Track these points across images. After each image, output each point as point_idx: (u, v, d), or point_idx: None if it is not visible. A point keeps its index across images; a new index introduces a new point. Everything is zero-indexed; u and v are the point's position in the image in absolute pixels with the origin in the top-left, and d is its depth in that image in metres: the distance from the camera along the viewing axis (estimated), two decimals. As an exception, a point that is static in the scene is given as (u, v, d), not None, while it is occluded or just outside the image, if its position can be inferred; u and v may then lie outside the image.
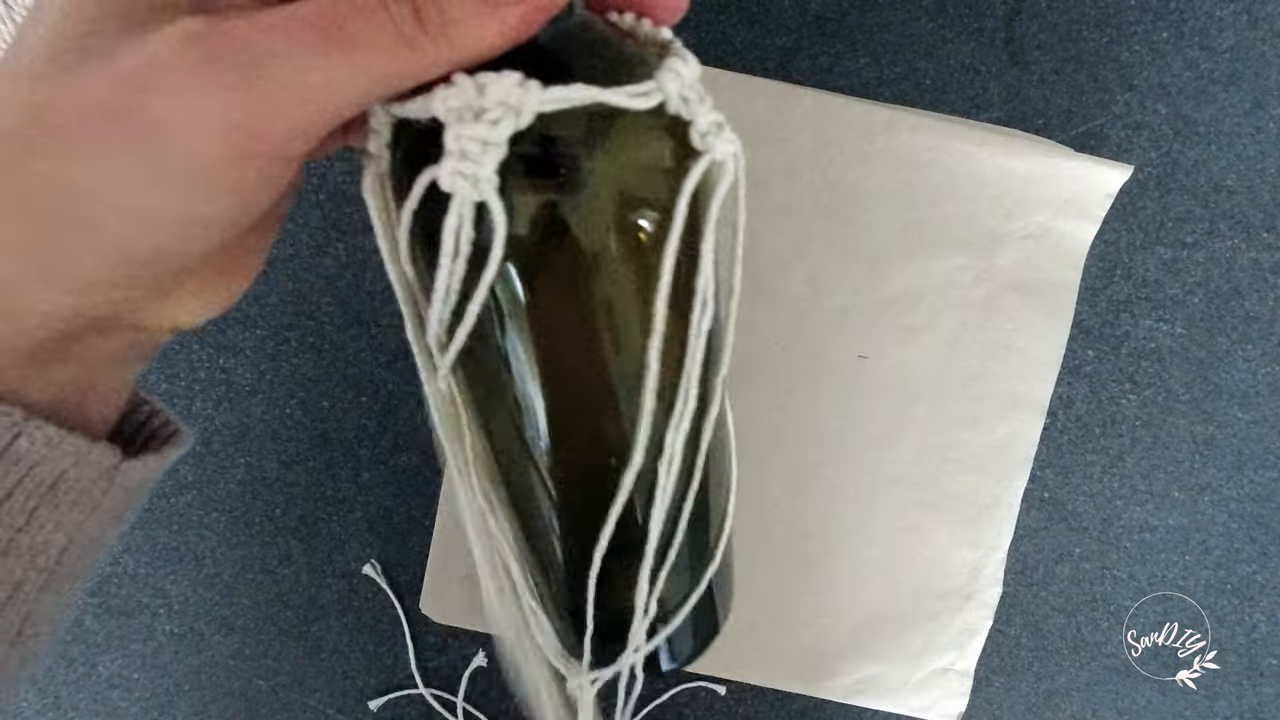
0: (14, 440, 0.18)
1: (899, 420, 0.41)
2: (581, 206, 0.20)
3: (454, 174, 0.18)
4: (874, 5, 0.41)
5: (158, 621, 0.43)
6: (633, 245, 0.21)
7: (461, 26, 0.17)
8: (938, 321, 0.41)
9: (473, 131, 0.18)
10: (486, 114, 0.18)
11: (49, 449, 0.19)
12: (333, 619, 0.43)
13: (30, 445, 0.18)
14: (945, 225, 0.40)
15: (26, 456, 0.18)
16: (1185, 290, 0.43)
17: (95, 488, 0.20)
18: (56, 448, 0.19)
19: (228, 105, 0.16)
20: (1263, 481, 0.43)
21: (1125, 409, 0.43)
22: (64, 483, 0.19)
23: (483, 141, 0.18)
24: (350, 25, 0.16)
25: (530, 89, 0.18)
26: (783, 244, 0.40)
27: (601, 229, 0.21)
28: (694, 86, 0.21)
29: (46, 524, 0.20)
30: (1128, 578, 0.44)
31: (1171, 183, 0.42)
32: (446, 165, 0.18)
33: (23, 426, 0.18)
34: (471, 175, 0.18)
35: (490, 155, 0.18)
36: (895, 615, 0.42)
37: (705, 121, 0.21)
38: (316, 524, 0.43)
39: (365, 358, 0.42)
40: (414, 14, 0.17)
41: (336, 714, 0.43)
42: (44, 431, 0.19)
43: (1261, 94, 0.42)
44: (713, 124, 0.21)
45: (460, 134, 0.18)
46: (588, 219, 0.21)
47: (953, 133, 0.39)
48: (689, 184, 0.21)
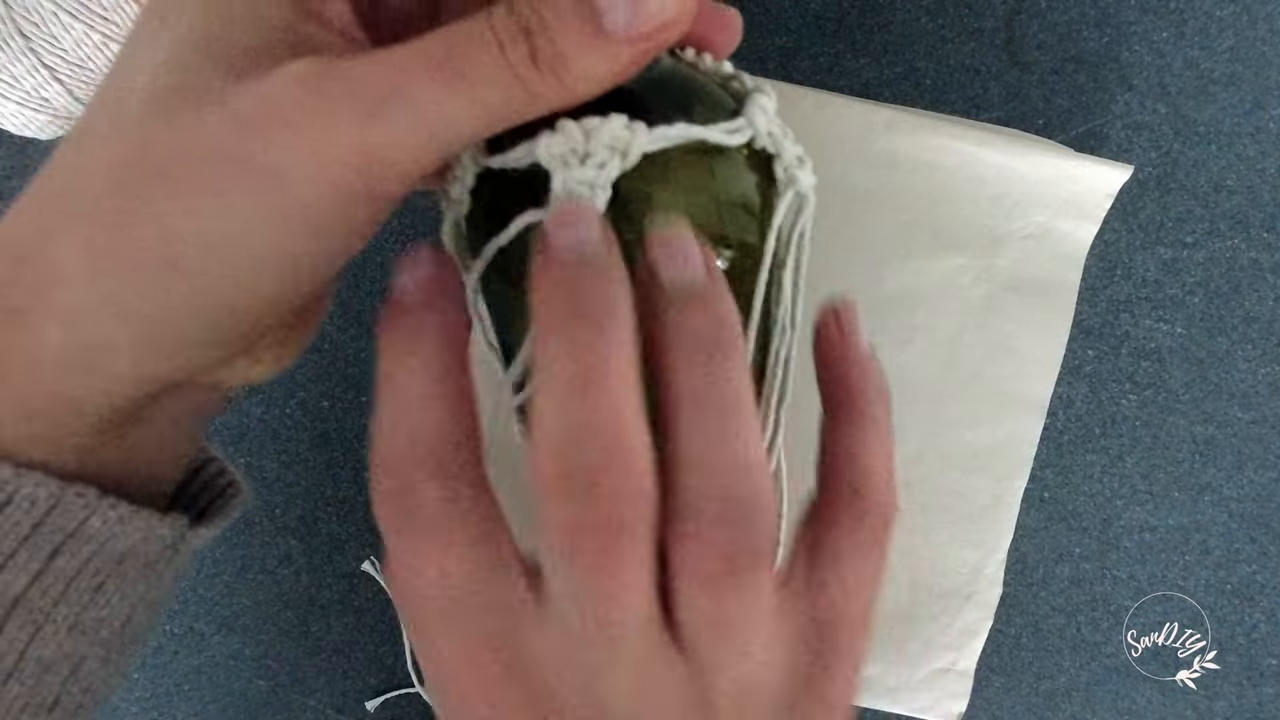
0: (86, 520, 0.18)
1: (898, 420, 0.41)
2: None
3: None
4: (874, 5, 0.41)
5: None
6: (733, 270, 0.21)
7: (574, 64, 0.17)
8: (937, 322, 0.41)
9: (580, 175, 0.18)
10: (592, 158, 0.18)
11: (120, 526, 0.18)
12: (332, 618, 0.43)
13: (102, 524, 0.18)
14: (945, 225, 0.40)
15: (98, 535, 0.18)
16: (1185, 290, 0.43)
17: (161, 558, 0.20)
18: (128, 524, 0.18)
19: (345, 146, 0.16)
20: (1263, 481, 0.43)
21: (1125, 409, 0.43)
22: (132, 556, 0.19)
23: (590, 185, 0.18)
24: (467, 62, 0.16)
25: (637, 131, 0.18)
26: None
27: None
28: (776, 121, 0.21)
29: (113, 598, 0.19)
30: (1128, 578, 0.44)
31: (1171, 183, 0.42)
32: None
33: (95, 506, 0.18)
34: None
35: (598, 198, 0.18)
36: (895, 615, 0.42)
37: (790, 155, 0.21)
38: (316, 524, 0.43)
39: (365, 358, 0.42)
40: (529, 51, 0.16)
41: (336, 714, 0.44)
42: (117, 511, 0.18)
43: (1261, 94, 0.42)
44: (796, 157, 0.22)
45: (567, 178, 0.18)
46: None
47: (953, 133, 0.39)
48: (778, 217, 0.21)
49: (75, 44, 0.35)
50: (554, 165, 0.18)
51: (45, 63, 0.35)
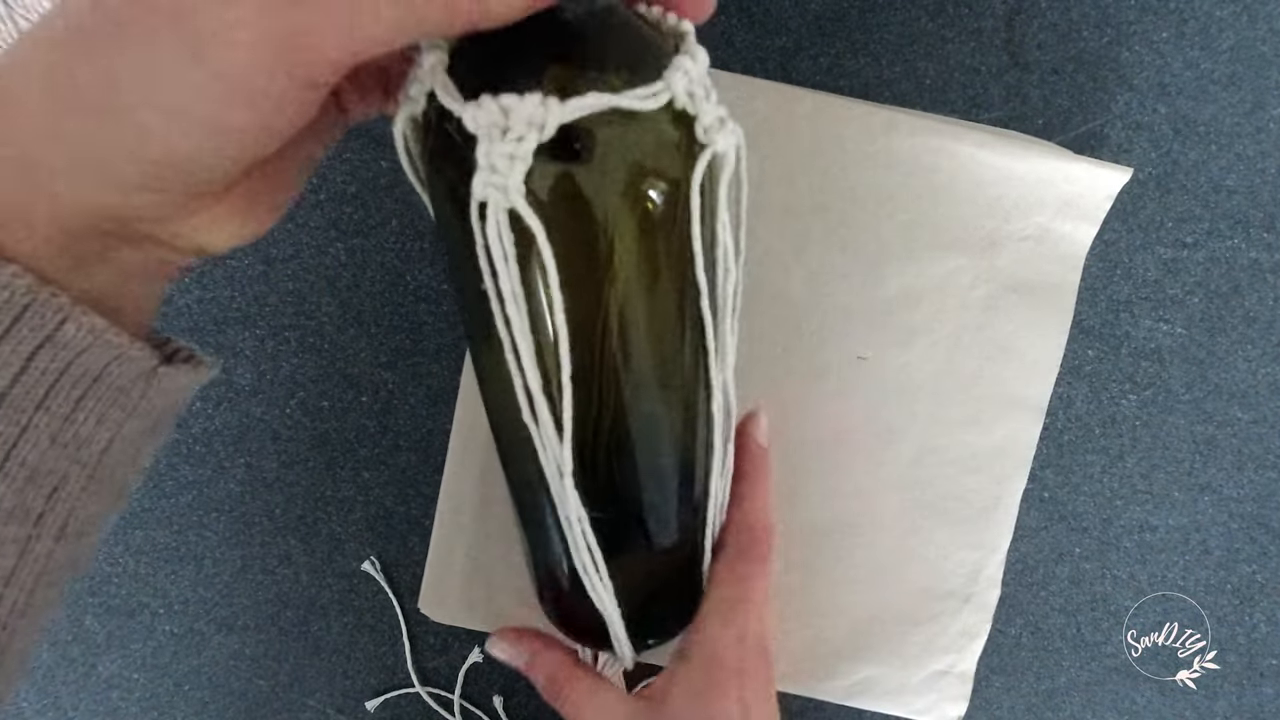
0: (60, 325, 0.19)
1: (898, 421, 0.41)
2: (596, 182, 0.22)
3: (486, 186, 0.20)
4: (874, 5, 0.41)
5: (158, 621, 0.43)
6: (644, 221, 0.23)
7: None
8: (937, 322, 0.41)
9: (501, 149, 0.20)
10: (512, 131, 0.20)
11: (93, 338, 0.20)
12: (332, 619, 0.43)
13: (76, 331, 0.19)
14: (945, 226, 0.40)
15: (72, 343, 0.19)
16: (1185, 290, 0.43)
17: (135, 388, 0.21)
18: (100, 337, 0.20)
19: (272, 16, 0.18)
20: (1263, 481, 0.43)
21: (1125, 409, 0.43)
22: (107, 377, 0.20)
23: (509, 156, 0.20)
24: None
25: (550, 107, 0.20)
26: (783, 244, 0.40)
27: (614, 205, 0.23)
28: (701, 82, 0.23)
29: (91, 417, 0.20)
30: (1128, 578, 0.44)
31: (1171, 183, 0.42)
32: (479, 178, 0.21)
33: (69, 312, 0.19)
34: (502, 186, 0.20)
35: (517, 168, 0.20)
36: (895, 617, 0.42)
37: (709, 117, 0.23)
38: (316, 524, 0.43)
39: (365, 358, 0.42)
40: None
41: (336, 713, 0.44)
42: (89, 319, 0.19)
43: (1261, 94, 0.42)
44: (716, 119, 0.23)
45: (490, 150, 0.20)
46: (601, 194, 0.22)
47: (953, 134, 0.39)
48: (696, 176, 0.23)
49: (75, 44, 0.35)
50: (481, 135, 0.20)
51: (45, 63, 0.35)
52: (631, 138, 0.22)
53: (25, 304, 0.19)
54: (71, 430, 0.20)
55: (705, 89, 0.23)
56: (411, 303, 0.42)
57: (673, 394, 0.27)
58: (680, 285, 0.25)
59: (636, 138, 0.22)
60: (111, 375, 0.20)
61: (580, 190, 0.22)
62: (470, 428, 0.41)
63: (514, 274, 0.22)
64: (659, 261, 0.24)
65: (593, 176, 0.22)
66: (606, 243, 0.23)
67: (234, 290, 0.42)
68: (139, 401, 0.22)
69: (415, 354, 0.42)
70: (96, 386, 0.20)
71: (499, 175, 0.20)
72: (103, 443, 0.21)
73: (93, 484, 0.21)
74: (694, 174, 0.23)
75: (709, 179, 0.24)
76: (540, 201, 0.22)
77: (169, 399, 0.23)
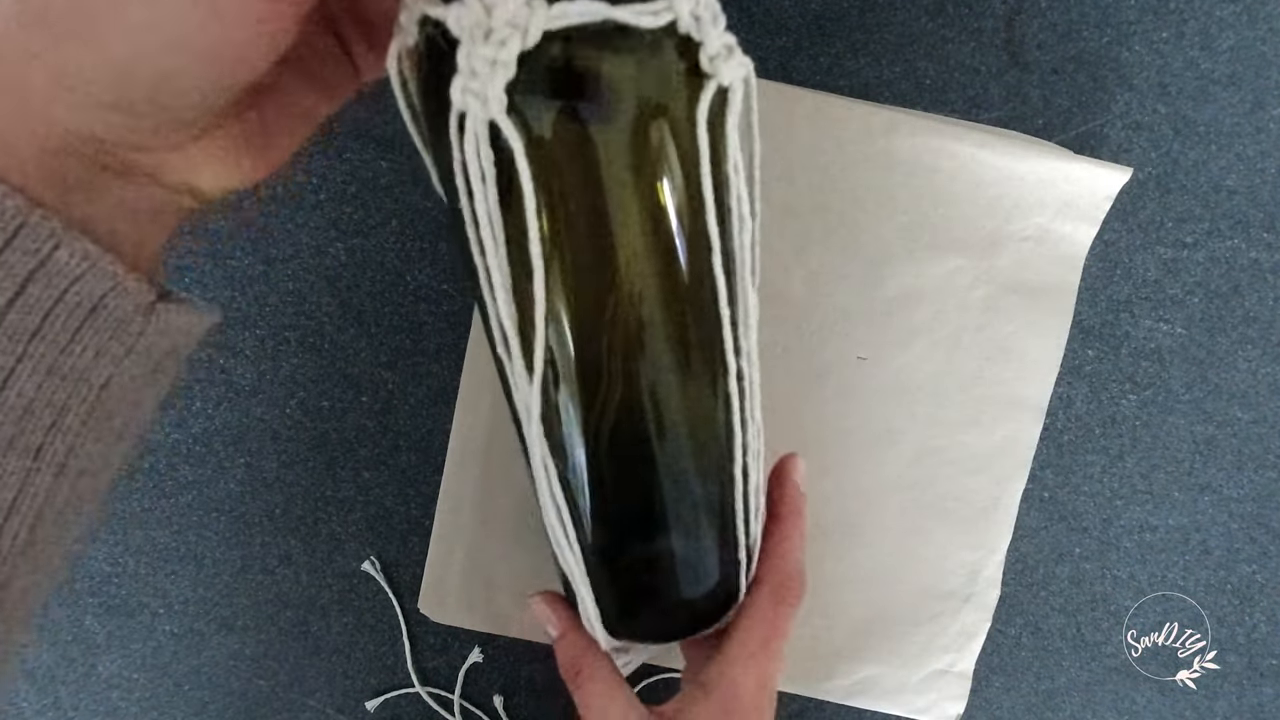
0: (54, 250, 0.19)
1: (898, 421, 0.41)
2: (599, 118, 0.21)
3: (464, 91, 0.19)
4: (874, 5, 0.41)
5: (158, 621, 0.43)
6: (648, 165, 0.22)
7: None
8: (937, 323, 0.41)
9: (482, 51, 0.19)
10: (494, 34, 0.19)
11: (87, 264, 0.19)
12: (332, 619, 0.43)
13: (70, 258, 0.19)
14: (945, 227, 0.40)
15: (66, 269, 0.19)
16: (1185, 290, 0.43)
17: (133, 323, 0.21)
18: (95, 264, 0.19)
19: None
20: (1263, 481, 0.43)
21: (1125, 409, 0.43)
22: (104, 308, 0.20)
23: (491, 61, 0.19)
24: None
25: (536, 8, 0.19)
26: (783, 245, 0.40)
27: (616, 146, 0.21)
28: (708, 5, 0.21)
29: (89, 349, 0.20)
30: (1128, 578, 0.44)
31: (1171, 183, 0.42)
32: (457, 83, 0.19)
33: (61, 236, 0.19)
34: (480, 94, 0.19)
35: (499, 75, 0.19)
36: (894, 617, 0.42)
37: (715, 44, 0.21)
38: (316, 524, 0.43)
39: (365, 358, 0.42)
40: None
41: (336, 713, 0.44)
42: (83, 245, 0.19)
43: (1261, 94, 0.42)
44: (723, 47, 0.21)
45: (470, 53, 0.19)
46: (605, 132, 0.21)
47: (953, 135, 0.39)
48: (701, 110, 0.21)
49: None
50: (463, 36, 0.19)
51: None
52: (630, 68, 0.21)
53: (17, 226, 0.18)
54: (69, 362, 0.20)
55: (712, 14, 0.21)
56: (411, 303, 0.42)
57: (692, 372, 0.25)
58: (692, 240, 0.23)
59: (636, 67, 0.21)
60: (109, 307, 0.20)
61: (581, 132, 0.21)
62: (470, 428, 0.41)
63: (491, 195, 0.20)
64: (665, 212, 0.22)
65: (593, 114, 0.20)
66: (613, 193, 0.22)
67: (234, 290, 0.42)
68: (137, 338, 0.21)
69: (415, 354, 0.42)
70: (94, 317, 0.20)
71: (477, 80, 0.19)
72: (102, 378, 0.21)
73: (92, 420, 0.21)
74: (699, 108, 0.21)
75: (717, 116, 0.22)
76: (537, 140, 0.20)
77: (169, 340, 0.22)
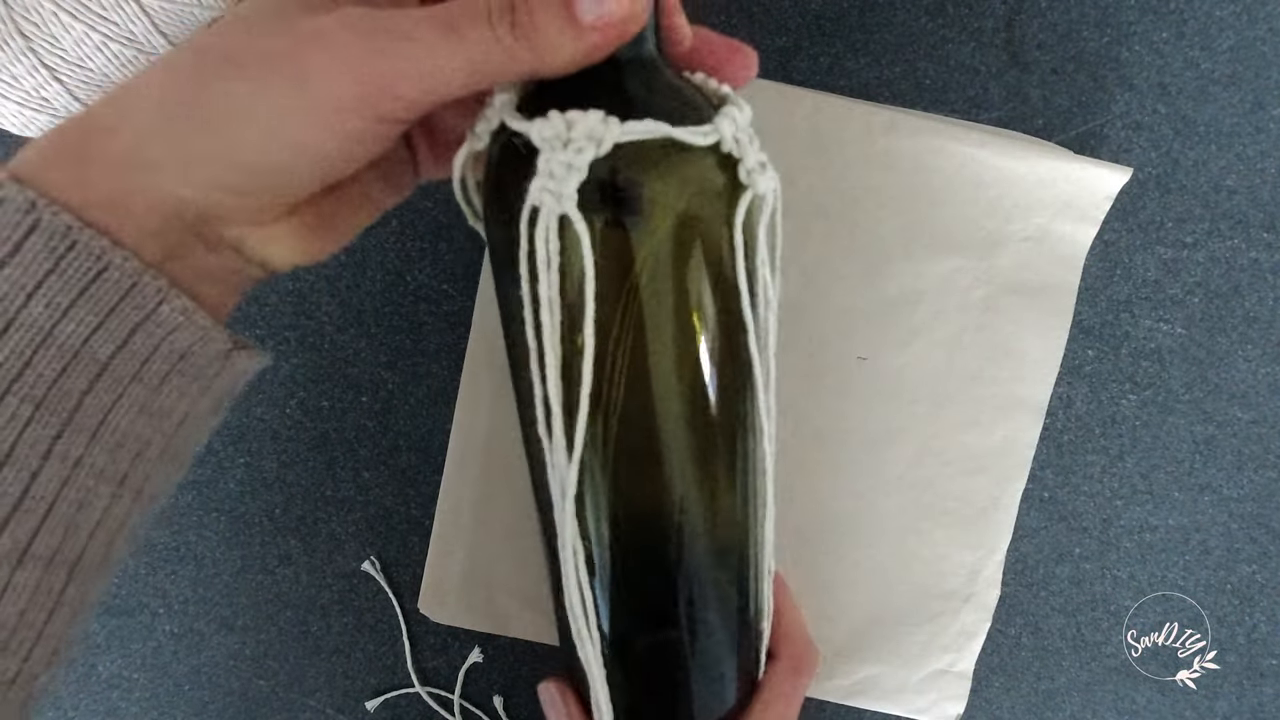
0: (159, 305, 0.22)
1: (898, 422, 0.41)
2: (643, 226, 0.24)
3: (542, 190, 0.23)
4: (874, 5, 0.41)
5: (158, 621, 0.43)
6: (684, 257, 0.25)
7: (545, 37, 0.22)
8: (937, 323, 0.41)
9: (561, 157, 0.23)
10: (573, 143, 0.22)
11: (185, 318, 0.23)
12: (332, 619, 0.43)
13: (170, 312, 0.22)
14: (945, 227, 0.40)
15: (167, 322, 0.22)
16: (1185, 290, 0.43)
17: (211, 368, 0.24)
18: (190, 318, 0.23)
19: (361, 63, 0.21)
20: (1263, 481, 0.43)
21: (1125, 409, 0.43)
22: (191, 356, 0.23)
23: (568, 165, 0.23)
24: (462, 23, 0.22)
25: (610, 124, 0.23)
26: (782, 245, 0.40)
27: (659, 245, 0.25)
28: (746, 130, 0.25)
29: (174, 390, 0.23)
30: (1128, 578, 0.44)
31: (1171, 183, 0.42)
32: (536, 184, 0.23)
33: (167, 293, 0.22)
34: (556, 193, 0.23)
35: (573, 177, 0.23)
36: (894, 617, 0.42)
37: (752, 160, 0.25)
38: (316, 524, 0.43)
39: (365, 358, 0.42)
40: (510, 22, 0.22)
41: (336, 713, 0.44)
42: (183, 301, 0.22)
43: (1261, 94, 0.42)
44: (758, 163, 0.26)
45: (550, 159, 0.23)
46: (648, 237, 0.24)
47: (953, 134, 0.39)
48: (739, 217, 0.25)
49: (75, 44, 0.35)
50: (543, 146, 0.23)
51: (45, 63, 0.35)
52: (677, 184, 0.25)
53: (131, 284, 0.21)
54: (158, 401, 0.23)
55: (749, 136, 0.25)
56: (411, 303, 0.42)
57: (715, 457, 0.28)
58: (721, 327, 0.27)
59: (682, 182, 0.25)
60: (195, 354, 0.23)
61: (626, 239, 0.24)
62: (470, 428, 0.41)
63: (554, 281, 0.23)
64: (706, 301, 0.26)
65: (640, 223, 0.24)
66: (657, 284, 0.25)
67: (234, 290, 0.42)
68: (213, 380, 0.24)
69: (415, 354, 0.42)
70: (182, 364, 0.23)
71: (554, 181, 0.22)
72: (180, 415, 0.24)
73: (167, 453, 0.24)
74: (736, 215, 0.25)
75: (749, 220, 0.26)
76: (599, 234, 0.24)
77: (233, 381, 0.25)
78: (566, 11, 0.22)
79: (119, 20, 0.35)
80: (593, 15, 0.22)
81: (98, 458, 0.22)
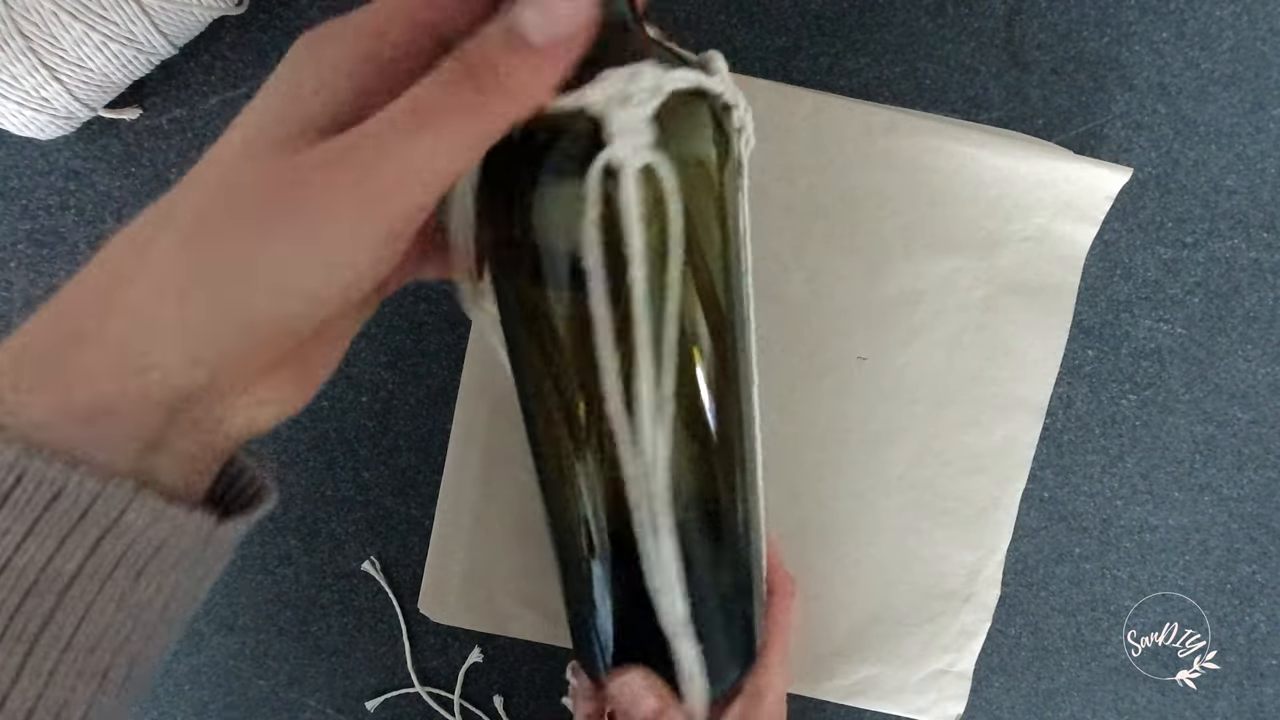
0: (124, 512, 0.21)
1: (898, 422, 0.41)
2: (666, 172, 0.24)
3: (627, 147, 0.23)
4: (874, 5, 0.41)
5: (158, 621, 0.43)
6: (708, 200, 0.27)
7: (514, 82, 0.21)
8: (937, 323, 0.41)
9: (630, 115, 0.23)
10: (632, 98, 0.23)
11: (153, 519, 0.21)
12: (332, 619, 0.43)
13: (137, 517, 0.21)
14: (945, 227, 0.40)
15: (134, 526, 0.21)
16: (1185, 290, 0.43)
17: (193, 550, 0.23)
18: (160, 518, 0.21)
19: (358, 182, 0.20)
20: (1263, 481, 0.43)
21: (1125, 409, 0.43)
22: (166, 547, 0.22)
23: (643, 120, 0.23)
24: (425, 107, 0.20)
25: (663, 76, 0.23)
26: (782, 245, 0.40)
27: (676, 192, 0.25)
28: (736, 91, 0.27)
29: (151, 583, 0.22)
30: (1128, 578, 0.44)
31: (1171, 183, 0.42)
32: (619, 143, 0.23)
33: (130, 500, 0.21)
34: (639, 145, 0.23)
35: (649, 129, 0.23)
36: (894, 617, 0.42)
37: (742, 107, 0.27)
38: (316, 524, 0.43)
39: (365, 358, 0.42)
40: (473, 83, 0.20)
41: (336, 713, 0.44)
42: (150, 504, 0.21)
43: (1261, 94, 0.42)
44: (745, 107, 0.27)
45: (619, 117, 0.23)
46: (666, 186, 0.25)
47: (953, 134, 0.39)
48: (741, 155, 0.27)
49: (75, 44, 0.35)
50: (606, 108, 0.23)
51: (45, 63, 0.35)
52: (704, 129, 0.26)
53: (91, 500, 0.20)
54: (135, 595, 0.22)
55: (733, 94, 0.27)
56: (411, 303, 0.42)
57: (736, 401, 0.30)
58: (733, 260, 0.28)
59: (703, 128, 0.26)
60: (170, 545, 0.22)
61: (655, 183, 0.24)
62: (470, 428, 0.41)
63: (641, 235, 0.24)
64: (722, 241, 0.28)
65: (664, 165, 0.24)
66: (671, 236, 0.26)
67: (234, 290, 0.42)
68: (197, 559, 0.23)
69: (415, 354, 0.42)
70: (157, 556, 0.22)
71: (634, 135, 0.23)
72: (163, 601, 0.23)
73: (154, 635, 0.23)
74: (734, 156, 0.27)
75: (740, 161, 0.28)
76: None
77: (220, 554, 0.24)
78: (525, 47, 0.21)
79: (119, 20, 0.35)
80: (549, 33, 0.21)
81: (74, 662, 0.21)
